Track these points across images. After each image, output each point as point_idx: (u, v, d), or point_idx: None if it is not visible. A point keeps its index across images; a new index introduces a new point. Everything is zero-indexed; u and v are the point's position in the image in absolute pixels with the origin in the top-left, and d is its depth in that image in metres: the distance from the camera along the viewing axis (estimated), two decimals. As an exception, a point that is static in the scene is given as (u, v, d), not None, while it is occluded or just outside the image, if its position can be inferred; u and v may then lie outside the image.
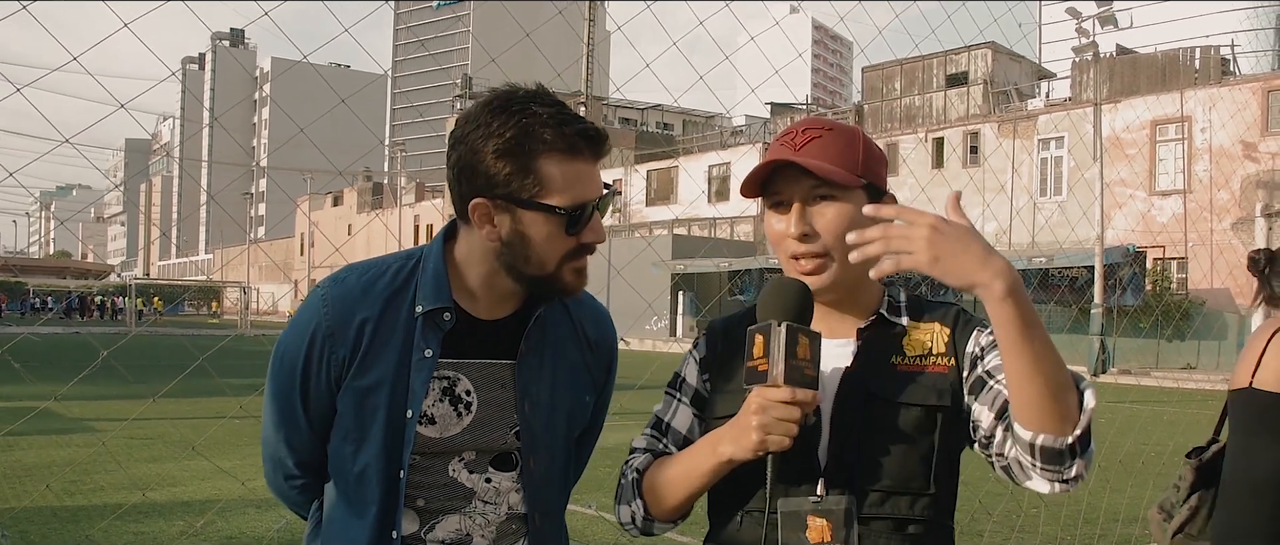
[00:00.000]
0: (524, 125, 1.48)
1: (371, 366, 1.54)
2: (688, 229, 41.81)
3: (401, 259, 1.63)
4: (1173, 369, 24.27)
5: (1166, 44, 36.46)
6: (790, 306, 1.39)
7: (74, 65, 2.62)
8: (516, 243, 1.52)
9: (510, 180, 1.49)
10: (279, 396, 1.60)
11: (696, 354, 1.67)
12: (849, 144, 1.52)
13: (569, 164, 1.50)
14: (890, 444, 1.46)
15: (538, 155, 1.48)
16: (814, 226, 1.50)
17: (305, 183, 69.79)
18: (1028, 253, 27.80)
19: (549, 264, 1.53)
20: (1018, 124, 32.40)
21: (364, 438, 1.54)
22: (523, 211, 1.50)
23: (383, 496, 1.53)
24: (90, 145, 24.57)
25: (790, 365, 1.35)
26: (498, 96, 1.52)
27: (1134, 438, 10.10)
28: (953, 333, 1.55)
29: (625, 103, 62.21)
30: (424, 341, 1.55)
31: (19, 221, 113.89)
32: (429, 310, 1.55)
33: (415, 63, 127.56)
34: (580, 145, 1.51)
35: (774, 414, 1.36)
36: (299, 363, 1.57)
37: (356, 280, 1.60)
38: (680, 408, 1.64)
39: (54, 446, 9.30)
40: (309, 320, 1.58)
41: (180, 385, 5.68)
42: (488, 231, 1.53)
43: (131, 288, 53.48)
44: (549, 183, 1.49)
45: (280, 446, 1.63)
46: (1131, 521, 6.64)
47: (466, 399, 1.58)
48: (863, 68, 41.22)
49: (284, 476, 1.67)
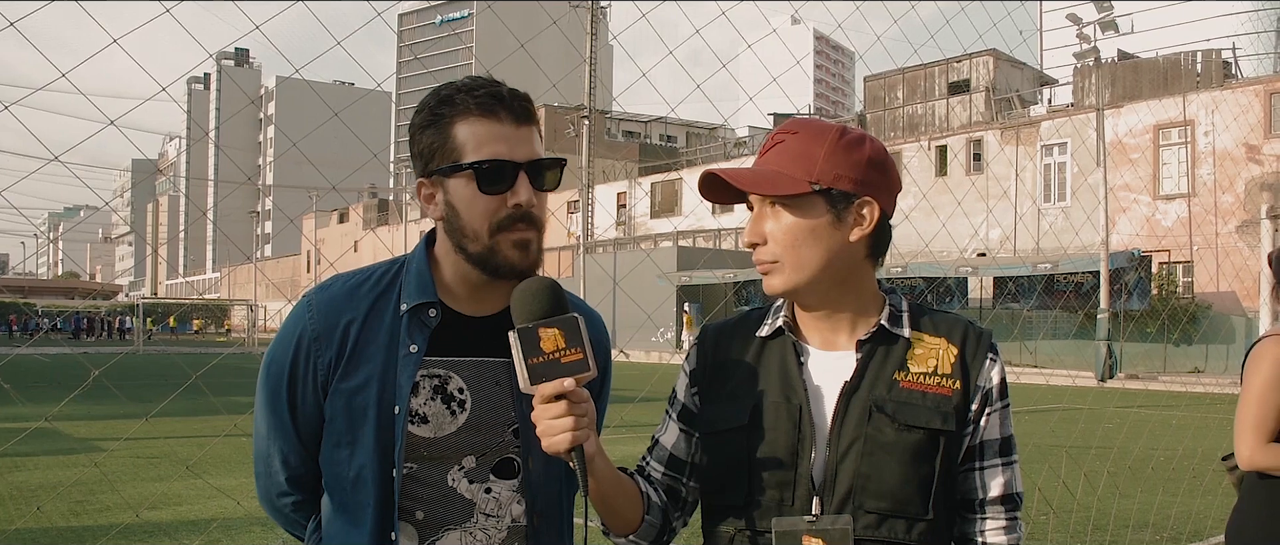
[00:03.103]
0: (442, 95, 1.53)
1: (358, 367, 1.54)
2: (692, 241, 41.81)
3: (387, 265, 1.64)
4: (1180, 373, 24.17)
5: (1168, 48, 36.50)
6: (522, 310, 1.35)
7: (85, 87, 2.62)
8: (451, 215, 1.53)
9: (433, 152, 1.52)
10: (268, 408, 1.59)
11: (687, 366, 1.63)
12: (808, 148, 1.45)
13: (482, 124, 1.50)
14: (890, 465, 1.42)
15: (452, 120, 1.51)
16: (763, 234, 1.47)
17: (311, 200, 70.02)
18: (1033, 259, 27.73)
19: (482, 233, 1.51)
20: (1020, 130, 32.39)
21: (356, 439, 1.52)
22: (448, 180, 1.51)
23: (379, 501, 1.51)
24: (97, 166, 24.48)
25: (531, 367, 1.31)
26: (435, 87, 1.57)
27: (1143, 443, 10.04)
28: (961, 352, 1.49)
29: (629, 116, 62.30)
30: (409, 338, 1.54)
31: (26, 243, 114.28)
32: (414, 306, 1.55)
33: (419, 79, 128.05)
34: (494, 105, 1.51)
35: (542, 416, 1.33)
36: (285, 369, 1.57)
37: (342, 285, 1.60)
38: (670, 424, 1.61)
39: (58, 467, 9.29)
40: (294, 327, 1.58)
41: (185, 404, 5.68)
42: (431, 210, 1.56)
43: (139, 308, 53.60)
44: (463, 145, 1.50)
45: (273, 460, 1.61)
46: (1142, 527, 6.58)
47: (459, 397, 1.56)
48: (864, 77, 41.25)
49: (277, 493, 1.65)
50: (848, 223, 1.46)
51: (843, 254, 1.47)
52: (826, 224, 1.45)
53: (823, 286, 1.47)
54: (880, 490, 1.41)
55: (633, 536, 1.55)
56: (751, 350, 1.55)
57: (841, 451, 1.43)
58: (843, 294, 1.50)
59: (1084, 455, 9.04)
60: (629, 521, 1.53)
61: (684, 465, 1.59)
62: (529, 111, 1.55)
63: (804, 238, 1.44)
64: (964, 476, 1.50)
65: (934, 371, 1.47)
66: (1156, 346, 25.85)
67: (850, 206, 1.46)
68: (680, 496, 1.59)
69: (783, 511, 1.44)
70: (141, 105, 3.14)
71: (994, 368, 1.49)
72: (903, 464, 1.42)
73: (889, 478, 1.41)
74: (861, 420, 1.43)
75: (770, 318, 1.57)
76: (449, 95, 1.52)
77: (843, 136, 1.47)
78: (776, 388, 1.49)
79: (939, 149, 34.32)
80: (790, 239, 1.44)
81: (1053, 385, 18.75)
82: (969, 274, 28.33)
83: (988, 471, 1.49)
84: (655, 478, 1.60)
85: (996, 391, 1.49)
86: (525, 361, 1.32)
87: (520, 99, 1.53)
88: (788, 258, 1.45)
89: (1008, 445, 1.50)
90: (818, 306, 1.51)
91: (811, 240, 1.44)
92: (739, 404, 1.50)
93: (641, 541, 1.56)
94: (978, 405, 1.48)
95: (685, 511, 1.61)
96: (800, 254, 1.45)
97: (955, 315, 1.57)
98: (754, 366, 1.53)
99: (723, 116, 5.10)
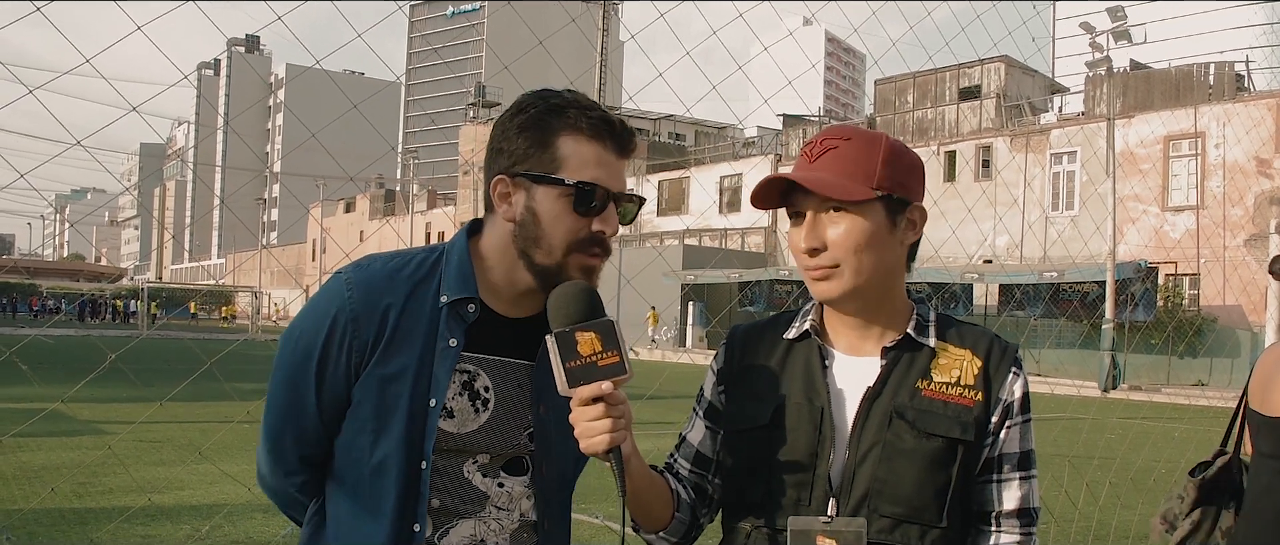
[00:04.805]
0: (551, 104, 1.52)
1: (395, 354, 1.51)
2: (699, 239, 41.78)
3: (424, 251, 1.61)
4: (1184, 385, 24.11)
5: (1180, 59, 36.32)
6: (559, 314, 1.36)
7: (91, 70, 2.64)
8: (528, 221, 1.52)
9: (528, 154, 1.51)
10: (289, 384, 1.55)
11: (715, 365, 1.65)
12: (865, 154, 1.47)
13: (588, 145, 1.51)
14: (907, 471, 1.43)
15: (558, 132, 1.51)
16: (824, 239, 1.47)
17: (318, 189, 70.08)
18: (1039, 267, 27.67)
19: (557, 249, 1.51)
20: (1030, 138, 32.31)
21: (383, 428, 1.50)
22: (536, 187, 1.51)
23: (401, 492, 1.50)
24: (105, 149, 24.85)
25: (569, 370, 1.33)
26: (538, 90, 1.56)
27: (1145, 454, 10.02)
28: (985, 365, 1.51)
29: (638, 113, 62.19)
30: (449, 331, 1.53)
31: (33, 224, 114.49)
32: (454, 300, 1.54)
33: (429, 70, 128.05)
34: (603, 131, 1.52)
35: (580, 418, 1.35)
36: (317, 347, 1.52)
37: (381, 267, 1.57)
38: (696, 422, 1.64)
39: (62, 449, 9.33)
40: (330, 304, 1.54)
41: (189, 389, 5.69)
42: (504, 209, 1.54)
43: (144, 291, 53.68)
44: (565, 160, 1.50)
45: (286, 437, 1.58)
46: (1142, 539, 6.58)
47: (484, 395, 1.56)
48: (875, 80, 41.18)
49: (285, 472, 1.61)
50: (901, 229, 1.50)
51: (892, 259, 1.50)
52: (884, 230, 1.48)
53: (870, 292, 1.49)
54: (896, 495, 1.43)
55: (663, 534, 1.58)
56: (778, 352, 1.57)
57: (860, 455, 1.45)
58: (881, 300, 1.52)
59: (1087, 465, 9.03)
60: (660, 519, 1.56)
61: (710, 462, 1.62)
62: (632, 147, 1.57)
63: (866, 243, 1.46)
64: (981, 488, 1.51)
65: (957, 382, 1.49)
66: (1161, 358, 25.79)
67: (903, 213, 1.50)
68: (707, 493, 1.62)
69: (799, 511, 1.45)
70: (159, 90, 3.16)
71: (1017, 382, 1.51)
72: (920, 471, 1.43)
73: (905, 484, 1.43)
74: (882, 425, 1.45)
75: (799, 320, 1.59)
76: (561, 106, 1.52)
77: (891, 145, 1.51)
78: (800, 389, 1.51)
79: (948, 154, 34.25)
80: (854, 244, 1.46)
81: (1058, 395, 18.72)
82: (975, 281, 28.29)
83: (1005, 484, 1.50)
84: (683, 475, 1.63)
85: (1018, 405, 1.50)
86: (563, 365, 1.33)
87: (629, 133, 1.55)
88: (849, 263, 1.47)
89: (1027, 460, 1.51)
90: (857, 312, 1.52)
91: (873, 246, 1.47)
92: (762, 403, 1.52)
93: (671, 538, 1.59)
94: (998, 418, 1.49)
95: (712, 508, 1.63)
96: (861, 259, 1.46)
97: (982, 328, 1.58)
98: (779, 367, 1.55)
99: (737, 117, 5.10)
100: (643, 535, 1.60)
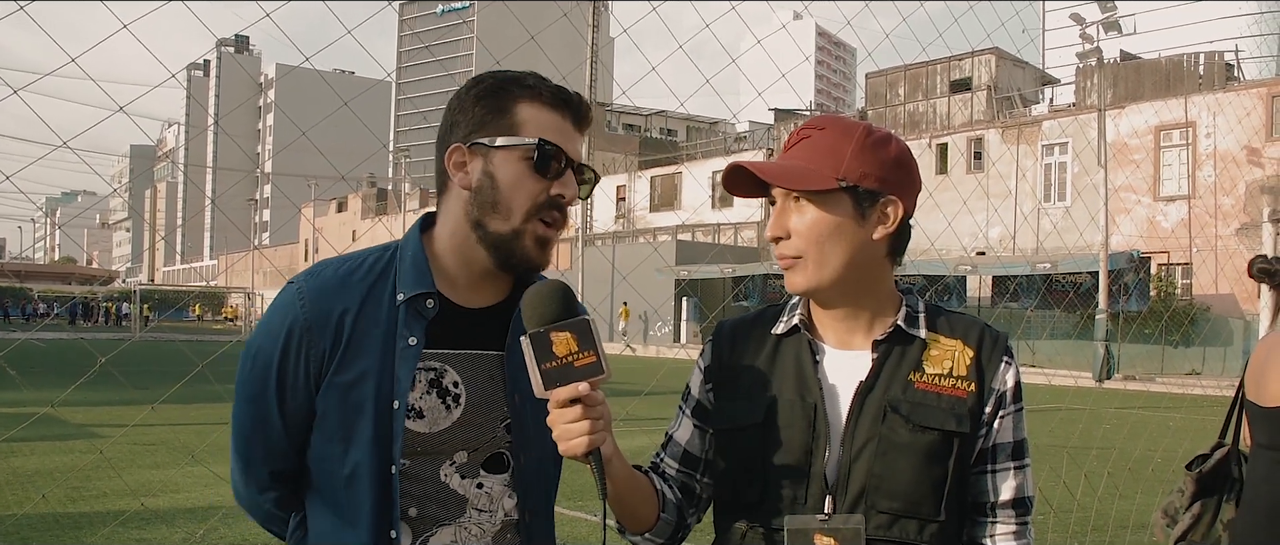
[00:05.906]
0: (511, 76, 1.52)
1: (354, 360, 1.48)
2: (692, 235, 41.80)
3: (378, 251, 1.58)
4: (1178, 375, 24.19)
5: (1171, 49, 36.45)
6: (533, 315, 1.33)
7: (79, 72, 2.60)
8: (485, 186, 1.49)
9: (485, 121, 1.50)
10: (252, 400, 1.52)
11: (702, 362, 1.62)
12: (837, 144, 1.45)
13: (547, 112, 1.50)
14: (903, 465, 1.41)
15: (517, 98, 1.50)
16: (788, 228, 1.46)
17: (310, 188, 69.95)
18: (1032, 259, 27.74)
19: (516, 213, 1.48)
20: (1022, 129, 32.37)
21: (351, 436, 1.47)
22: (495, 152, 1.49)
23: (376, 499, 1.46)
24: (95, 151, 24.26)
25: (545, 372, 1.30)
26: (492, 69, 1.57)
27: (1142, 444, 10.04)
28: (977, 355, 1.49)
29: (629, 109, 62.23)
30: (407, 329, 1.49)
31: (24, 227, 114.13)
32: (411, 297, 1.50)
33: (420, 68, 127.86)
34: (561, 101, 1.51)
35: (558, 421, 1.31)
36: (274, 361, 1.49)
37: (333, 272, 1.53)
38: (683, 420, 1.61)
39: (56, 453, 9.28)
40: (284, 316, 1.50)
41: (182, 392, 5.66)
42: (460, 178, 1.51)
43: (136, 293, 53.51)
44: (524, 124, 1.49)
45: (253, 455, 1.54)
46: (1140, 528, 6.58)
47: (454, 391, 1.52)
48: (866, 73, 41.24)
49: (258, 489, 1.57)
50: (872, 221, 1.46)
51: (865, 252, 1.46)
52: (851, 221, 1.44)
53: (844, 284, 1.46)
54: (893, 491, 1.41)
55: (649, 535, 1.54)
56: (767, 347, 1.54)
57: (855, 451, 1.42)
58: (862, 293, 1.49)
59: (1083, 456, 9.04)
60: (645, 520, 1.52)
61: (698, 461, 1.58)
62: (588, 120, 1.56)
63: (828, 234, 1.43)
64: (975, 479, 1.49)
65: (949, 373, 1.47)
66: (1155, 348, 25.87)
67: (875, 205, 1.45)
68: (695, 493, 1.59)
69: (795, 510, 1.43)
70: (145, 92, 3.13)
71: (1009, 371, 1.49)
72: (916, 465, 1.41)
73: (902, 478, 1.41)
74: (876, 420, 1.43)
75: (786, 315, 1.56)
76: (519, 77, 1.52)
77: (869, 135, 1.47)
78: (791, 386, 1.48)
79: (940, 147, 34.31)
80: (814, 235, 1.44)
81: (1056, 386, 18.76)
82: (968, 272, 28.35)
83: (1000, 475, 1.48)
84: (670, 474, 1.59)
85: (1011, 395, 1.49)
86: (538, 366, 1.30)
87: (586, 106, 1.54)
88: (811, 254, 1.44)
89: (1020, 449, 1.50)
90: (837, 304, 1.50)
91: (835, 237, 1.44)
92: (753, 401, 1.49)
93: (657, 539, 1.55)
94: (991, 408, 1.47)
95: (699, 508, 1.60)
96: (824, 250, 1.44)
97: (972, 317, 1.56)
98: (769, 364, 1.52)
99: (731, 111, 5.08)
100: (628, 537, 1.56)
